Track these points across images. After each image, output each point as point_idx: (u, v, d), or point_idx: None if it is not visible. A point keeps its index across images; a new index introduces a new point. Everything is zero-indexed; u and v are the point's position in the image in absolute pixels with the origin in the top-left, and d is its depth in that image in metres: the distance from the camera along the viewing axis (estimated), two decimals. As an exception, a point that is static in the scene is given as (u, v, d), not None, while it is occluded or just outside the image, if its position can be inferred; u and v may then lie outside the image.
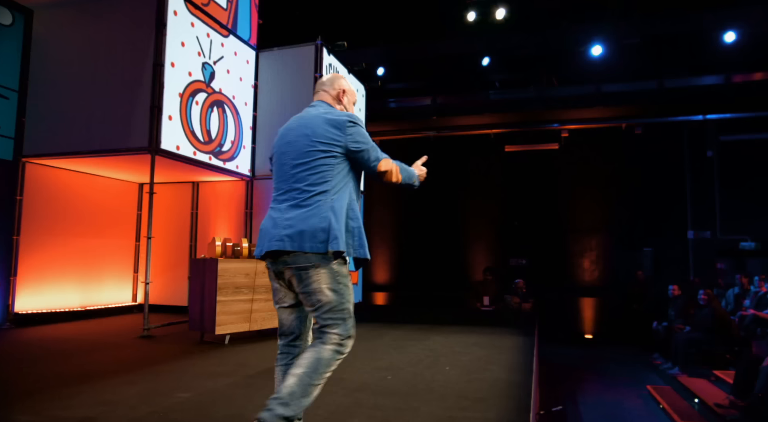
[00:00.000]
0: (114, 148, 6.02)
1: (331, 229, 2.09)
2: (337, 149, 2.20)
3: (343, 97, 2.47)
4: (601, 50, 10.47)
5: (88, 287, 7.35)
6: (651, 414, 6.38)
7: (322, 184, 2.17)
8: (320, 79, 2.53)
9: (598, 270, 11.39)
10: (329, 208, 2.13)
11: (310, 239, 2.08)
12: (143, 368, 3.98)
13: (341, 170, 2.23)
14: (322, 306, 2.09)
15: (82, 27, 6.39)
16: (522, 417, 2.83)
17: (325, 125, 2.22)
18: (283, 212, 2.17)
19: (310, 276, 2.09)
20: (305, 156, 2.20)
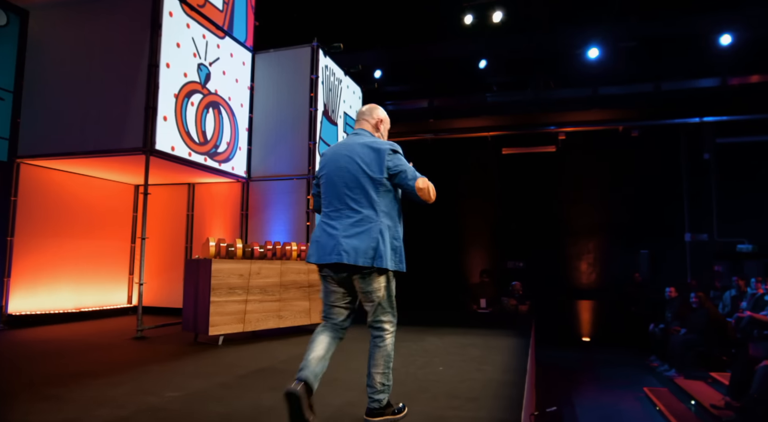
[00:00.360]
0: (108, 148, 6.01)
1: (378, 249, 2.59)
2: (381, 174, 2.65)
3: (381, 125, 2.92)
4: (598, 53, 10.49)
5: (82, 288, 7.32)
6: (647, 416, 6.35)
7: (371, 207, 2.65)
8: (361, 109, 2.96)
9: (596, 273, 11.37)
10: (378, 231, 2.61)
11: (363, 256, 2.58)
12: (133, 368, 3.96)
13: (387, 194, 2.69)
14: (378, 304, 2.69)
15: (77, 28, 6.39)
16: (513, 416, 2.81)
17: (371, 153, 2.68)
18: (340, 230, 2.64)
19: (368, 281, 2.65)
20: (355, 181, 2.66)
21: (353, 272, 2.64)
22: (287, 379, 3.63)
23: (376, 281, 2.65)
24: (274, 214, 7.55)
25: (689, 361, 7.39)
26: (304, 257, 6.07)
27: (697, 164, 11.00)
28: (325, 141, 7.76)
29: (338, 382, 3.52)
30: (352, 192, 2.66)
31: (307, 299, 5.99)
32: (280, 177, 7.55)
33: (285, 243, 5.94)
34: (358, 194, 2.65)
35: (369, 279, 2.64)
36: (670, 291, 8.65)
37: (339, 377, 3.67)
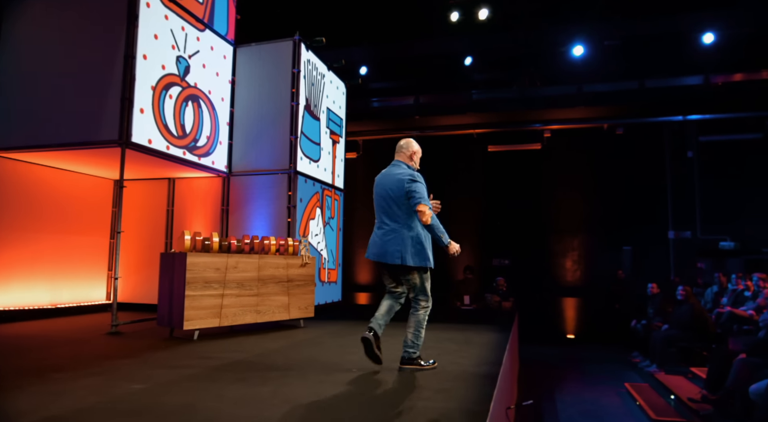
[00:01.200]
0: (84, 141, 5.91)
1: (401, 251, 3.58)
2: (403, 196, 3.62)
3: (414, 156, 3.87)
4: (583, 51, 10.54)
5: (59, 284, 7.20)
6: (627, 410, 6.36)
7: (397, 222, 3.64)
8: (399, 143, 3.91)
9: (580, 270, 11.40)
10: (401, 239, 3.60)
11: (390, 256, 3.60)
12: (103, 362, 3.87)
13: (409, 211, 3.64)
14: (414, 287, 3.71)
15: (52, 18, 6.27)
16: (482, 407, 2.77)
17: (398, 182, 3.66)
18: (380, 236, 3.68)
19: (402, 272, 3.69)
20: (387, 202, 3.68)
21: (387, 267, 3.70)
22: (258, 371, 3.59)
23: (408, 273, 3.65)
24: (256, 209, 7.48)
25: (670, 357, 7.41)
26: (282, 251, 6.01)
27: (681, 161, 11.07)
28: (307, 136, 7.70)
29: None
30: (385, 210, 3.69)
31: (285, 294, 5.92)
32: (262, 172, 7.47)
33: (263, 237, 5.87)
34: (388, 212, 3.67)
35: (402, 271, 3.67)
36: (652, 287, 8.68)
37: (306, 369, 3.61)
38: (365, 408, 2.73)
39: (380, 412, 2.66)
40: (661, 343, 7.41)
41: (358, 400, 2.90)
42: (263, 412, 2.60)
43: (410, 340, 3.64)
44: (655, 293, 8.65)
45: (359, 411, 2.69)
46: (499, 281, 9.37)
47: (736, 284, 7.83)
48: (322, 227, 8.22)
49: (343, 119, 9.28)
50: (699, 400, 5.34)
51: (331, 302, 8.51)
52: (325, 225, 8.35)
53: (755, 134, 10.68)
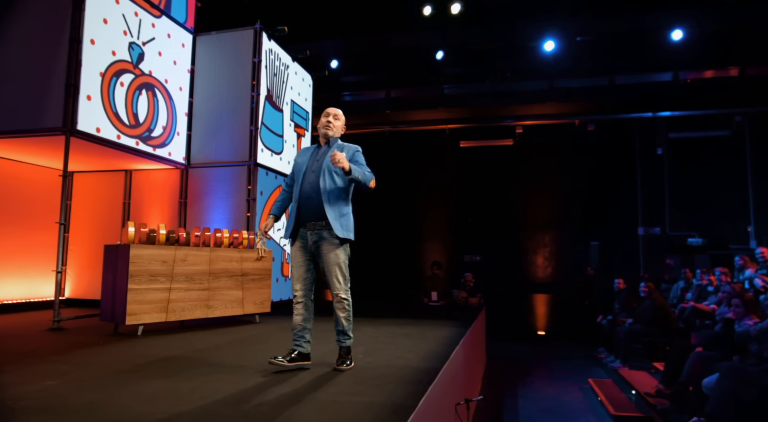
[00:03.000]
0: (26, 128, 5.65)
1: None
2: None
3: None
4: (554, 46, 10.49)
5: (6, 280, 6.92)
6: (588, 406, 6.30)
7: None
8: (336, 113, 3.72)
9: (551, 267, 11.38)
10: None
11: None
12: (25, 358, 3.66)
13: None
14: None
15: (-5, 0, 6.00)
16: (412, 402, 2.63)
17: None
18: None
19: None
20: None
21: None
22: (190, 367, 3.41)
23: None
24: (214, 202, 7.27)
25: (634, 352, 7.38)
26: (236, 244, 5.83)
27: (651, 158, 11.10)
28: (268, 127, 7.51)
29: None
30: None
31: (239, 288, 5.74)
32: (221, 164, 7.27)
33: (216, 230, 5.68)
34: None
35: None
36: (619, 283, 8.66)
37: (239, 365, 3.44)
38: (284, 403, 2.58)
39: (299, 407, 2.51)
40: (624, 338, 7.38)
41: (280, 395, 2.74)
42: (174, 408, 2.44)
43: (345, 332, 3.61)
44: (621, 288, 8.63)
45: (275, 406, 2.53)
46: (466, 277, 9.28)
47: (701, 279, 7.83)
48: (285, 222, 8.02)
49: (309, 113, 9.10)
50: (654, 394, 5.30)
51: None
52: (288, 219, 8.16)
53: (724, 131, 10.75)
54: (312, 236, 3.40)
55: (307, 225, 3.42)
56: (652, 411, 5.48)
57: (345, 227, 3.45)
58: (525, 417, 5.80)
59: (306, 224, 3.43)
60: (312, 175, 3.45)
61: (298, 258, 3.46)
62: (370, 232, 12.43)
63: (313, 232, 3.40)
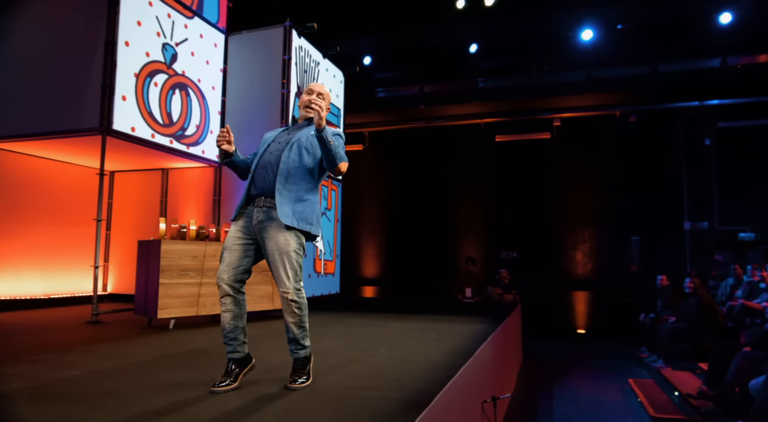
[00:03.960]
0: (66, 129, 5.87)
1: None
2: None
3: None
4: (592, 35, 10.15)
5: (54, 275, 7.22)
6: (627, 407, 6.04)
7: None
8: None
9: (592, 263, 11.01)
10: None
11: None
12: (60, 349, 3.79)
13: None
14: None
15: (36, 7, 6.25)
16: (426, 398, 2.56)
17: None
18: None
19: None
20: None
21: None
22: (212, 359, 3.45)
23: None
24: (247, 199, 7.36)
25: (678, 351, 7.05)
26: (266, 240, 5.87)
27: (698, 149, 10.57)
28: (299, 124, 7.55)
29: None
30: None
31: (269, 283, 5.79)
32: (253, 161, 7.35)
33: (245, 226, 5.74)
34: None
35: None
36: (662, 279, 8.29)
37: (260, 357, 3.46)
38: (296, 396, 2.55)
39: (311, 400, 2.48)
40: (667, 337, 7.05)
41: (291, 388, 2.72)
42: (188, 398, 2.45)
43: (297, 341, 2.84)
44: (664, 285, 8.25)
45: (287, 399, 2.51)
46: (501, 274, 9.08)
47: (752, 275, 7.40)
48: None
49: (340, 109, 9.10)
50: (696, 396, 5.03)
51: (328, 294, 8.36)
52: (321, 216, 8.19)
53: (778, 119, 10.13)
54: (258, 214, 2.70)
55: (255, 201, 2.74)
56: (695, 413, 5.21)
57: (299, 215, 2.70)
58: (560, 417, 5.62)
59: (255, 200, 2.75)
60: (276, 145, 2.83)
61: (233, 240, 2.73)
62: (404, 229, 12.40)
63: (260, 209, 2.70)
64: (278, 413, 2.27)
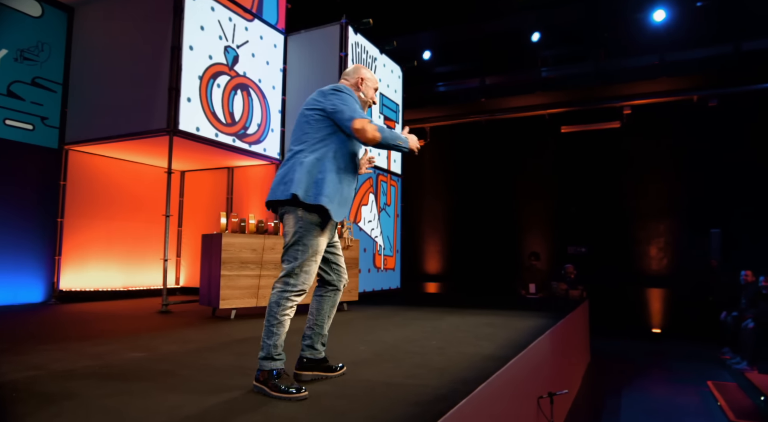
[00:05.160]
0: (137, 131, 6.25)
1: (293, 176, 2.36)
2: (317, 112, 2.47)
3: (362, 84, 2.74)
4: (665, 15, 9.55)
5: (131, 269, 7.72)
6: (704, 410, 5.64)
7: (300, 144, 2.46)
8: (345, 70, 2.86)
9: (667, 258, 10.36)
10: (299, 163, 2.39)
11: (276, 188, 2.41)
12: (128, 335, 4.04)
13: (320, 131, 2.46)
14: (285, 246, 2.41)
15: (110, 18, 6.71)
16: (469, 388, 2.51)
17: (315, 96, 2.54)
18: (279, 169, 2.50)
19: (284, 221, 2.44)
20: (298, 125, 2.54)
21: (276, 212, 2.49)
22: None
23: (287, 221, 2.41)
24: (307, 195, 7.54)
25: (765, 353, 6.49)
26: (323, 234, 5.98)
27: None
28: (356, 120, 7.62)
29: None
30: (294, 135, 2.55)
31: (326, 276, 5.88)
32: (312, 158, 7.51)
33: (303, 220, 5.87)
34: (295, 135, 2.53)
35: (284, 221, 2.44)
36: (746, 275, 7.65)
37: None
38: (337, 382, 2.58)
39: (349, 386, 2.49)
40: (752, 337, 6.50)
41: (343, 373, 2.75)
42: (232, 381, 2.54)
43: (262, 339, 2.36)
44: (749, 281, 7.61)
45: (327, 384, 2.54)
46: (567, 269, 8.74)
47: None
48: (376, 214, 8.12)
49: (399, 105, 9.11)
50: (780, 400, 4.61)
51: (388, 289, 8.40)
52: (380, 211, 8.24)
53: None
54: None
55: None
56: (782, 419, 4.78)
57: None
58: (627, 418, 5.34)
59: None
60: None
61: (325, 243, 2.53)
62: (467, 224, 12.23)
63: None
64: (317, 395, 2.30)
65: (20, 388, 2.36)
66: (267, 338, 2.34)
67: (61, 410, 2.05)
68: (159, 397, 2.25)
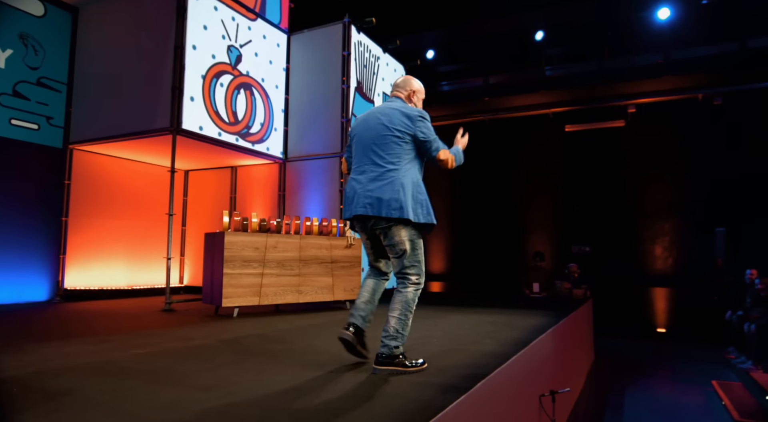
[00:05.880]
0: (140, 130, 6.28)
1: (401, 199, 2.67)
2: (407, 136, 2.78)
3: (413, 96, 3.05)
4: (670, 13, 9.50)
5: (135, 267, 7.76)
6: (708, 410, 5.60)
7: (394, 163, 2.75)
8: (395, 81, 3.10)
9: (672, 257, 10.30)
10: (400, 184, 2.70)
11: (387, 207, 2.67)
12: (130, 332, 4.06)
13: (409, 153, 2.80)
14: (403, 254, 2.74)
15: (113, 19, 6.74)
16: (470, 383, 2.50)
17: (401, 116, 2.80)
18: (365, 184, 2.75)
19: (393, 233, 2.72)
20: (382, 139, 2.78)
21: (376, 225, 2.75)
22: (265, 345, 3.56)
23: (398, 233, 2.72)
24: (310, 193, 7.55)
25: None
26: (325, 232, 5.99)
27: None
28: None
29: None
30: (378, 149, 2.78)
31: (329, 275, 5.90)
32: (315, 156, 7.53)
33: (305, 218, 5.89)
34: (383, 151, 2.77)
35: (391, 232, 2.72)
36: (751, 274, 7.59)
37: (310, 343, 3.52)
38: (335, 377, 2.58)
39: (346, 381, 2.49)
40: (757, 336, 6.46)
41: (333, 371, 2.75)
42: (234, 377, 2.54)
43: (393, 327, 2.69)
44: (754, 280, 7.56)
45: (327, 379, 2.54)
46: (571, 268, 8.71)
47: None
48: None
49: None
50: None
51: (391, 288, 8.37)
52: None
53: None
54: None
55: None
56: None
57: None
58: (630, 417, 5.31)
59: None
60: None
61: None
62: (471, 223, 12.21)
63: None
64: (316, 388, 2.30)
65: (21, 384, 2.37)
66: (402, 328, 2.71)
67: (60, 405, 2.06)
68: (158, 393, 2.26)
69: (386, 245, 2.79)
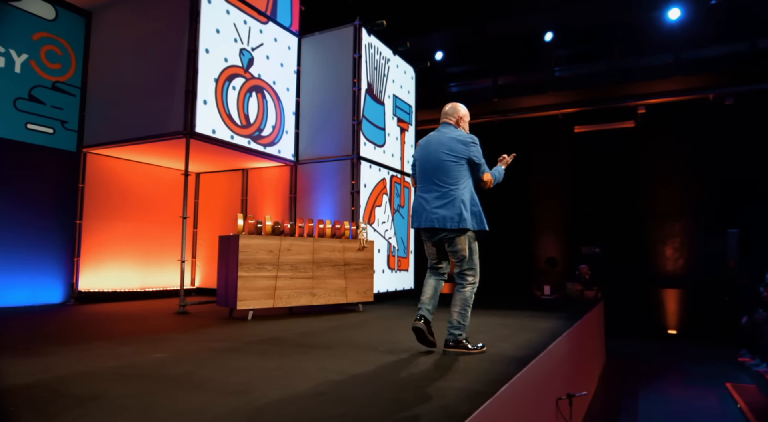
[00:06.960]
0: (154, 134, 6.32)
1: (462, 214, 3.36)
2: (462, 159, 3.43)
3: (461, 121, 3.61)
4: (680, 13, 9.47)
5: (148, 270, 7.80)
6: (723, 413, 5.57)
7: (454, 183, 3.40)
8: (444, 109, 3.66)
9: (683, 259, 10.26)
10: (460, 201, 3.38)
11: (450, 221, 3.36)
12: (148, 335, 4.09)
13: (465, 173, 3.45)
14: (463, 259, 3.43)
15: (128, 23, 6.79)
16: (492, 388, 2.51)
17: (457, 143, 3.43)
18: (431, 202, 3.43)
19: (455, 242, 3.41)
20: (443, 164, 3.42)
21: (442, 235, 3.41)
22: (283, 347, 3.58)
23: (460, 242, 3.39)
24: (321, 196, 7.57)
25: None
26: (338, 234, 6.00)
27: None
28: (369, 120, 7.64)
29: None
30: (440, 172, 3.42)
31: (342, 277, 5.91)
32: (326, 159, 7.54)
33: (318, 221, 5.90)
34: (444, 174, 3.41)
35: (454, 241, 3.40)
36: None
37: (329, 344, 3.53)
38: (354, 379, 2.59)
39: (364, 384, 2.50)
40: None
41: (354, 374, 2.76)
42: (254, 381, 2.56)
43: (455, 320, 3.37)
44: (769, 283, 7.50)
45: (344, 381, 2.55)
46: (582, 269, 8.68)
47: None
48: (390, 215, 8.13)
49: (412, 106, 9.11)
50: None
51: (402, 289, 8.40)
52: (393, 213, 8.25)
53: None
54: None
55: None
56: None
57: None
58: (645, 420, 5.29)
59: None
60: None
61: None
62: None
63: None
64: (342, 397, 2.31)
65: (47, 389, 2.40)
66: (462, 319, 3.38)
67: (87, 411, 2.08)
68: (183, 397, 2.28)
69: (449, 251, 3.48)
